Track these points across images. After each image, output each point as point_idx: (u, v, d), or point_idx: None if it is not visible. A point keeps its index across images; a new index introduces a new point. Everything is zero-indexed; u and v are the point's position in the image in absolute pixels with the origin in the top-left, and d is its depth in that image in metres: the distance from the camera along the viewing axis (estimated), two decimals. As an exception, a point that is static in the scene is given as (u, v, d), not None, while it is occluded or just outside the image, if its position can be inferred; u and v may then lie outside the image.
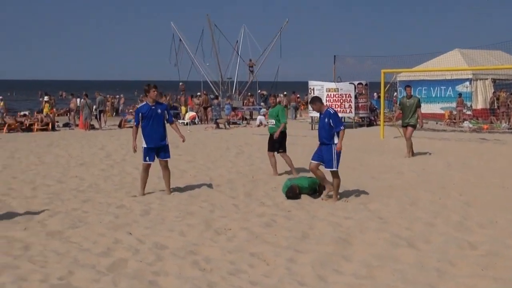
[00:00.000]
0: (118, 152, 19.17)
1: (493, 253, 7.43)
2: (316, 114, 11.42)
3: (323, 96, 29.42)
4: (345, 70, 35.70)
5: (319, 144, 10.88)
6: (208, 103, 35.57)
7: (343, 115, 30.45)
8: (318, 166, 10.85)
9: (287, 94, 42.55)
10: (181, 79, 41.04)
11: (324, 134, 10.71)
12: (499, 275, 6.65)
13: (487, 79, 32.76)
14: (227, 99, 35.99)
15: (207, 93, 37.73)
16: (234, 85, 41.45)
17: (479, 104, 32.52)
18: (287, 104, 40.91)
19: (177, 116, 37.53)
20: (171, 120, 11.67)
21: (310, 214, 9.75)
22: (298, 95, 44.91)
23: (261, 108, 35.80)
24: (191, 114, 34.53)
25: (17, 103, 63.08)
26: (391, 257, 7.31)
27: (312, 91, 30.23)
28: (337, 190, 10.92)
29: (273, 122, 13.98)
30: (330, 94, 29.73)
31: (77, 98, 34.95)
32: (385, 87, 25.50)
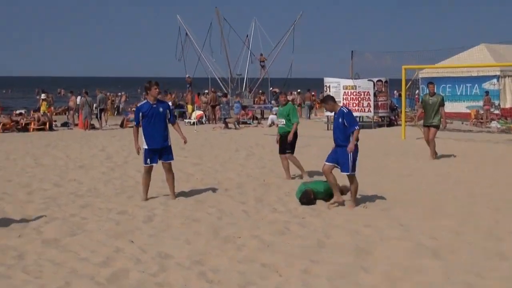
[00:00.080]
0: (120, 154, 19.19)
1: (526, 265, 7.32)
2: (332, 114, 11.36)
3: (340, 94, 29.38)
4: (364, 66, 35.52)
5: (334, 146, 10.83)
6: (216, 101, 35.61)
7: (362, 114, 30.40)
8: (332, 169, 10.78)
9: (301, 92, 42.54)
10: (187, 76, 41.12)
11: (339, 135, 10.65)
12: (533, 289, 6.54)
13: (516, 76, 32.59)
14: (237, 97, 36.03)
15: (215, 91, 37.76)
16: (244, 82, 41.44)
17: (508, 103, 32.33)
18: (301, 103, 40.88)
19: (183, 115, 37.65)
20: (173, 120, 11.63)
21: (326, 221, 9.68)
22: (313, 93, 44.84)
23: (273, 107, 35.78)
24: (198, 113, 34.58)
25: (13, 101, 63.50)
26: (415, 269, 7.22)
27: (328, 89, 30.17)
28: (355, 196, 10.85)
29: (284, 122, 13.91)
30: (348, 92, 29.66)
31: (79, 96, 35.06)
32: (406, 85, 25.38)
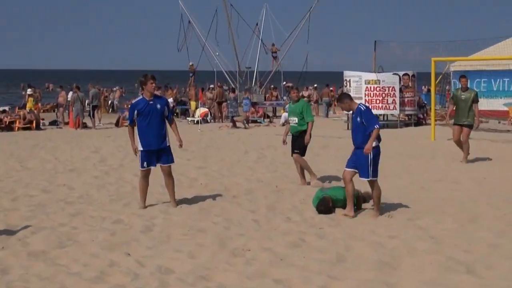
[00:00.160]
0: (115, 156, 19.23)
1: None
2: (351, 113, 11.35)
3: (361, 90, 29.33)
4: (388, 59, 35.38)
5: (354, 148, 10.81)
6: (223, 98, 35.63)
7: (386, 112, 30.33)
8: (353, 176, 10.76)
9: (318, 87, 42.48)
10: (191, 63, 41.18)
11: (359, 136, 10.64)
12: None
13: (561, 69, 32.41)
14: (246, 93, 35.99)
15: (222, 85, 37.77)
16: (254, 76, 41.48)
17: (551, 100, 32.15)
18: (318, 99, 40.83)
19: (186, 113, 37.70)
20: (171, 119, 11.64)
21: (347, 232, 9.66)
22: (332, 88, 44.79)
23: (286, 104, 35.79)
24: (203, 111, 34.59)
25: (-5, 97, 63.79)
26: (446, 286, 7.20)
27: (348, 84, 30.13)
28: (378, 204, 10.82)
29: (296, 121, 13.84)
30: (370, 87, 29.59)
31: (70, 92, 35.12)
32: (436, 79, 25.29)
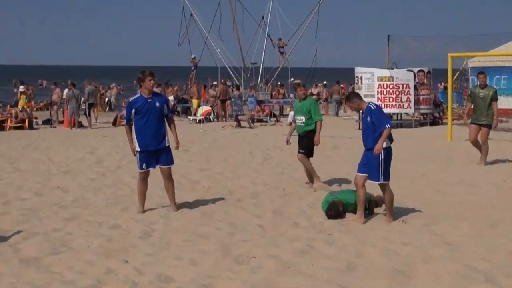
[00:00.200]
0: (112, 157, 19.24)
1: None
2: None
3: (374, 87, 29.30)
4: (402, 54, 35.36)
5: (365, 150, 10.78)
6: (227, 95, 35.63)
7: (400, 111, 30.29)
8: (365, 181, 10.73)
9: (328, 84, 42.46)
10: (191, 65, 41.21)
11: (369, 137, 10.60)
12: None
13: None
14: (251, 90, 36.01)
15: (226, 82, 37.76)
16: (260, 72, 41.46)
17: None
18: (328, 97, 40.82)
19: (187, 112, 37.72)
20: (170, 118, 11.64)
21: (358, 239, 9.65)
22: (343, 86, 44.78)
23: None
24: (205, 109, 34.64)
25: (-14, 95, 63.88)
26: (465, 296, 7.17)
27: (360, 80, 30.10)
28: (391, 208, 10.79)
29: (303, 120, 13.77)
30: (383, 84, 29.55)
31: (65, 89, 35.11)
32: (453, 75, 25.24)
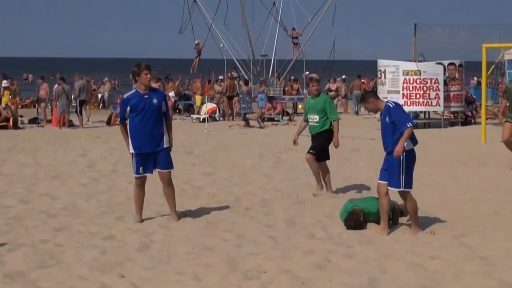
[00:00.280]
0: (106, 160, 19.25)
1: None
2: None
3: (399, 82, 29.24)
4: (431, 45, 35.17)
5: (386, 154, 10.78)
6: (234, 91, 35.59)
7: (427, 109, 30.22)
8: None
9: (348, 79, 42.38)
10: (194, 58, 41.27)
11: (389, 140, 10.58)
12: None
13: None
14: (261, 85, 36.02)
15: (233, 76, 37.73)
16: (271, 66, 41.42)
17: None
18: (347, 93, 40.74)
19: (190, 109, 37.71)
20: (168, 115, 11.64)
21: (381, 252, 9.64)
22: (364, 80, 44.65)
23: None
24: (210, 107, 34.58)
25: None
26: (500, 316, 7.18)
27: (383, 75, 30.05)
28: (416, 218, 10.77)
29: (316, 119, 13.69)
30: (409, 79, 29.49)
31: (55, 84, 35.17)
32: (488, 69, 25.17)
